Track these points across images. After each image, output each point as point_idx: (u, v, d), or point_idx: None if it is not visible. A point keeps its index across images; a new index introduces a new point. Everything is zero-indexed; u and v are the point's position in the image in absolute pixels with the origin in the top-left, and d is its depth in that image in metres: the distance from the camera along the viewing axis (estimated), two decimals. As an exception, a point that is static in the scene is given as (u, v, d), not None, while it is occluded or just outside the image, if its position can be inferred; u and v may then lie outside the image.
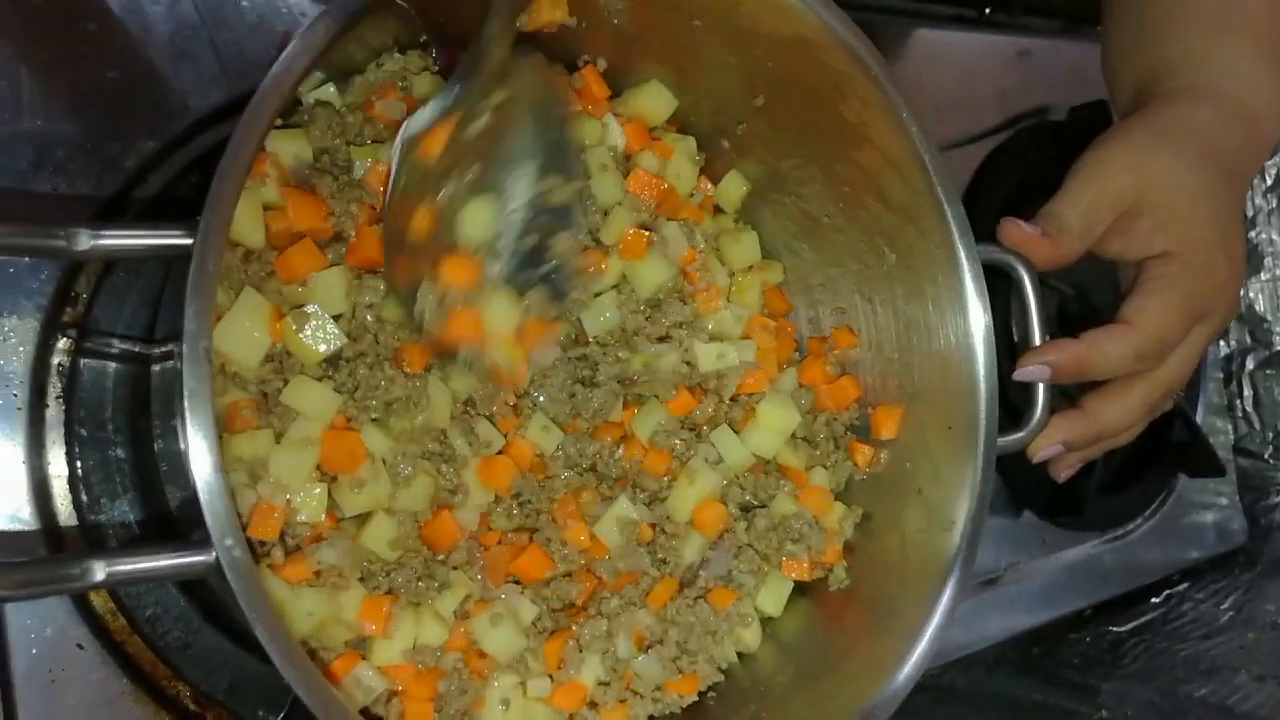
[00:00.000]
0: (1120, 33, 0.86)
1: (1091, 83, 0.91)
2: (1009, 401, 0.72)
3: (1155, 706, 1.07)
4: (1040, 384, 0.73)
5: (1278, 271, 1.30)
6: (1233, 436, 1.31)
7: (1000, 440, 0.70)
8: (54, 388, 0.67)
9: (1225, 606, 1.21)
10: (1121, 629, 1.18)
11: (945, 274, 0.71)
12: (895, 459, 0.77)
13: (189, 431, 0.48)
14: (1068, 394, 0.80)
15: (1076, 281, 1.05)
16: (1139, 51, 0.83)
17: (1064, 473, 0.81)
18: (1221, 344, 1.32)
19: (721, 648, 0.74)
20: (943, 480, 0.71)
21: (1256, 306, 1.31)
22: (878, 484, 0.78)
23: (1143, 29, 0.83)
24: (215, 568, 0.49)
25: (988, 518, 0.69)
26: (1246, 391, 1.30)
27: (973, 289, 0.70)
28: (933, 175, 0.69)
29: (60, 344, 0.68)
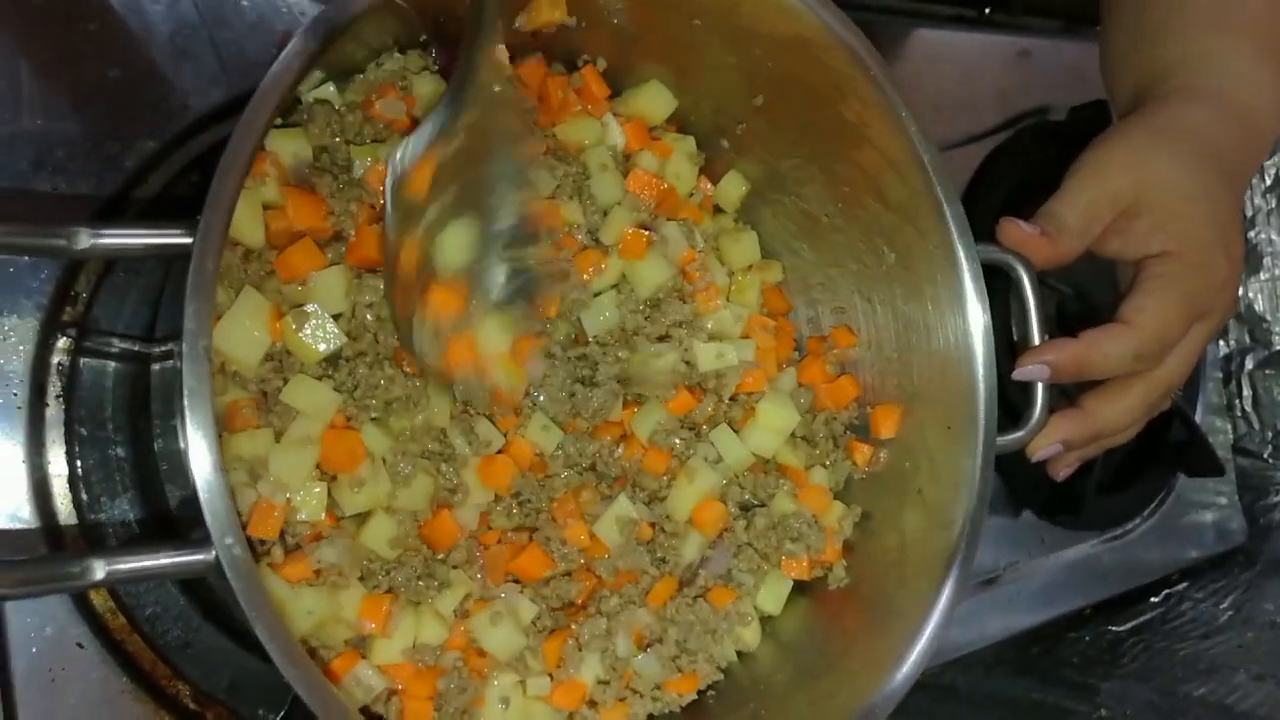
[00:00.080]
0: (1119, 34, 0.86)
1: (1091, 83, 0.91)
2: (1008, 401, 0.72)
3: (1154, 706, 1.07)
4: (1039, 383, 0.73)
5: (1277, 271, 1.30)
6: (1232, 436, 1.31)
7: (999, 439, 0.70)
8: (54, 387, 0.67)
9: (1224, 606, 1.21)
10: (1121, 628, 1.18)
11: (944, 274, 0.71)
12: (894, 458, 0.77)
13: (188, 430, 0.48)
14: (1067, 393, 0.80)
15: (1076, 281, 1.05)
16: (1137, 53, 0.83)
17: (1063, 472, 0.81)
18: (1221, 344, 1.32)
19: (721, 646, 0.74)
20: (942, 479, 0.71)
21: (1256, 306, 1.31)
22: (877, 483, 0.79)
23: (1141, 31, 0.83)
24: (215, 566, 0.49)
25: (987, 517, 0.69)
26: (1245, 391, 1.31)
27: (972, 288, 0.70)
28: (932, 175, 0.69)
29: (60, 343, 0.68)
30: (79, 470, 0.68)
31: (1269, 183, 1.29)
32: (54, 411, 0.67)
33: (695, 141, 0.80)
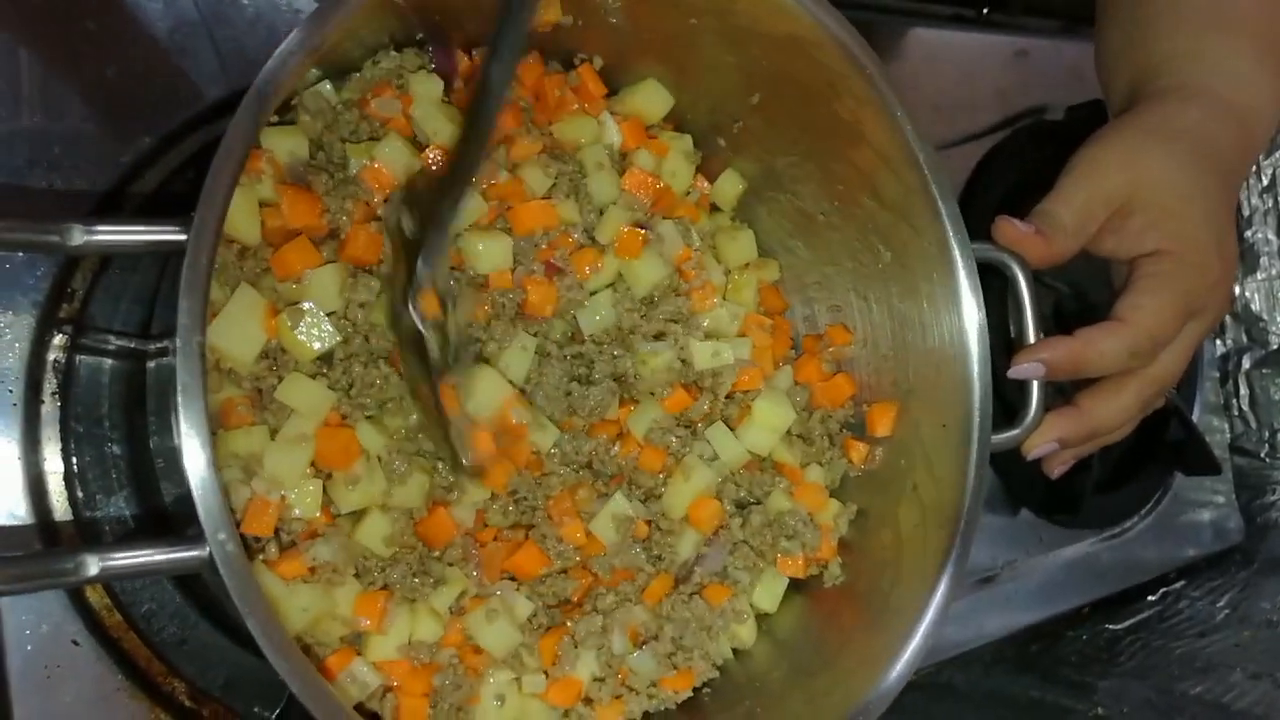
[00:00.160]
0: (1114, 31, 0.86)
1: (1089, 83, 0.91)
2: (1004, 399, 0.72)
3: (1151, 704, 1.07)
4: (1035, 381, 0.73)
5: (1273, 271, 1.30)
6: (1229, 435, 1.31)
7: (995, 437, 0.70)
8: (50, 384, 0.67)
9: (1221, 604, 1.21)
10: (1118, 627, 1.18)
11: (940, 271, 0.71)
12: (890, 456, 0.77)
13: (182, 425, 0.48)
14: (1063, 391, 0.80)
15: (1073, 280, 1.05)
16: (1132, 50, 0.83)
17: (1058, 469, 0.81)
18: (1218, 343, 1.33)
19: (717, 644, 0.74)
20: (937, 477, 0.71)
21: (1253, 306, 1.31)
22: (873, 481, 0.79)
23: (1135, 27, 0.83)
24: (208, 563, 0.49)
25: (983, 515, 0.69)
26: (1243, 390, 1.31)
27: (967, 286, 0.70)
28: (927, 173, 0.69)
29: (56, 340, 0.68)
30: (75, 467, 0.68)
31: (1265, 183, 1.29)
32: (50, 408, 0.67)
33: (692, 140, 0.80)
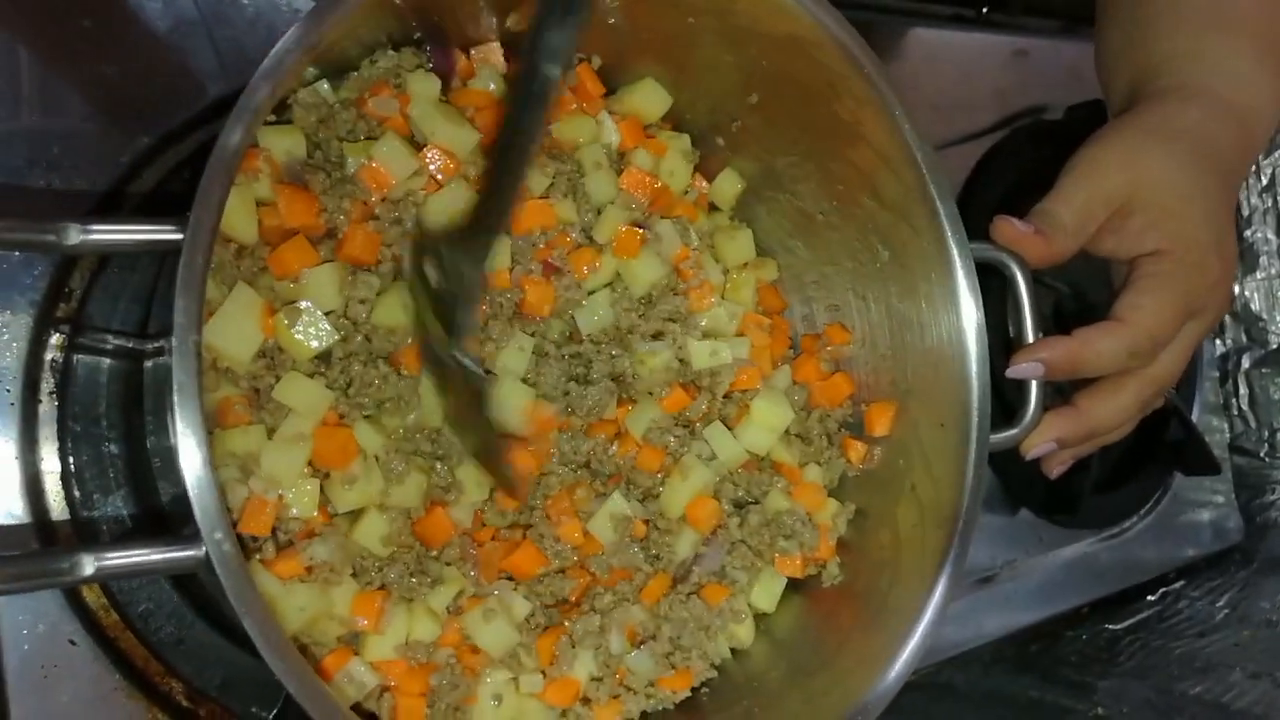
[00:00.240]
0: (1113, 31, 0.86)
1: (1088, 82, 0.91)
2: (1003, 399, 0.72)
3: (1151, 704, 1.07)
4: (1033, 381, 0.73)
5: (1273, 270, 1.30)
6: (1228, 435, 1.31)
7: (993, 437, 0.70)
8: (47, 383, 0.67)
9: (1221, 604, 1.21)
10: (1118, 626, 1.18)
11: (938, 271, 0.71)
12: (888, 455, 0.77)
13: (178, 424, 0.48)
14: (1061, 391, 0.80)
15: (1072, 280, 1.05)
16: (1132, 50, 0.83)
17: (1056, 469, 0.81)
18: (1217, 342, 1.32)
19: (715, 644, 0.74)
20: (936, 477, 0.71)
21: (1252, 305, 1.31)
22: (871, 480, 0.79)
23: (1135, 27, 0.83)
24: (205, 562, 0.49)
25: (982, 515, 0.69)
26: (1242, 390, 1.31)
27: (965, 286, 0.70)
28: (925, 173, 0.69)
29: (54, 340, 0.68)
30: (72, 466, 0.68)
31: (1265, 182, 1.29)
32: (47, 408, 0.67)
33: (690, 139, 0.80)
